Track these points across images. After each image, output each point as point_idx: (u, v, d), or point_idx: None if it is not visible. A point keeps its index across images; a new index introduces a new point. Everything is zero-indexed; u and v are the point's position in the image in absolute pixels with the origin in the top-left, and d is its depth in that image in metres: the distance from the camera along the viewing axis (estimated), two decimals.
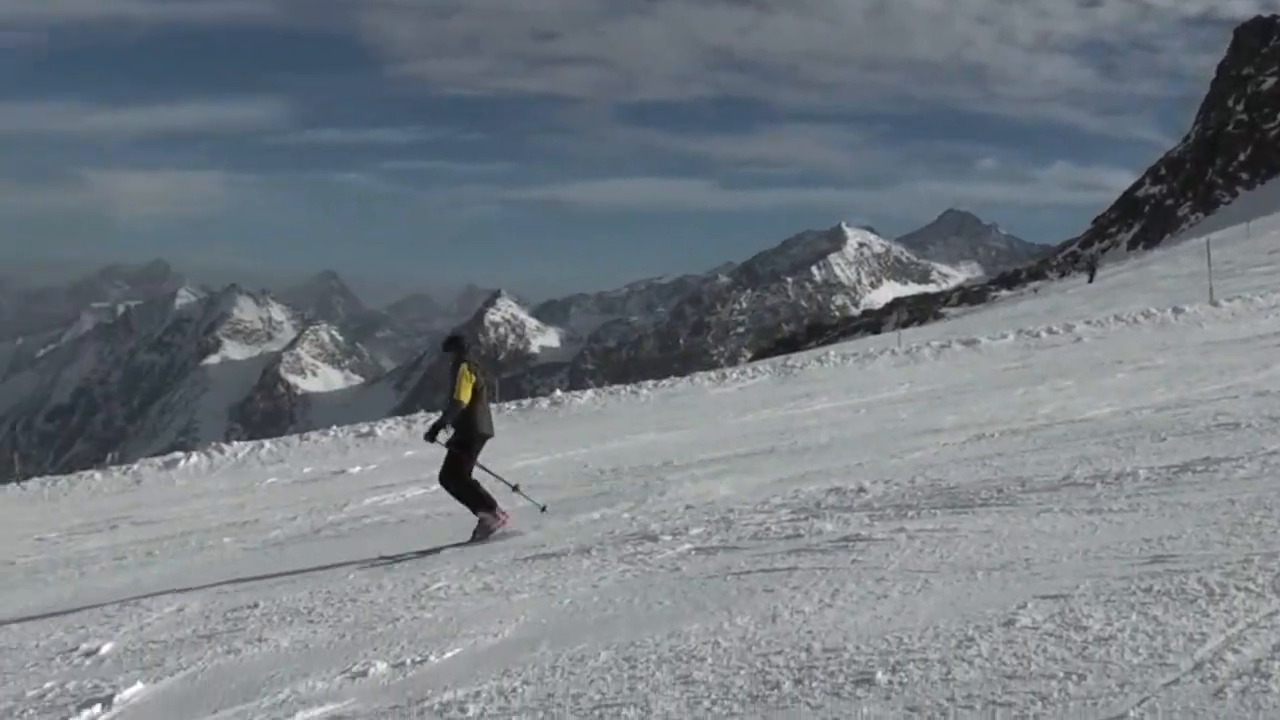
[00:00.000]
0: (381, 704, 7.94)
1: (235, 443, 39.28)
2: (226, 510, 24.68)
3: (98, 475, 36.54)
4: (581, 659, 8.24)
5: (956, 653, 7.07)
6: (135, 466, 37.26)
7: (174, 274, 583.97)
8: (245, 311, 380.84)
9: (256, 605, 12.44)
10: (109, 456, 76.84)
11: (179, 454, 38.29)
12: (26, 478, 39.35)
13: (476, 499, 14.73)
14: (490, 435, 15.09)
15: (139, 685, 9.77)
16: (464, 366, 14.69)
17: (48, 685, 10.45)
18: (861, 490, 14.33)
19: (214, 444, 39.59)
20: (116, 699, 9.47)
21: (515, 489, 15.55)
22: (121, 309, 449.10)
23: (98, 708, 9.32)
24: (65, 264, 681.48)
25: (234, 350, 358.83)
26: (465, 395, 14.46)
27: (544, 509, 15.21)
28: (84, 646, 11.90)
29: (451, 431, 14.79)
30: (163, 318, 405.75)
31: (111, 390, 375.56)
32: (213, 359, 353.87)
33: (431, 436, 14.82)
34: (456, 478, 14.83)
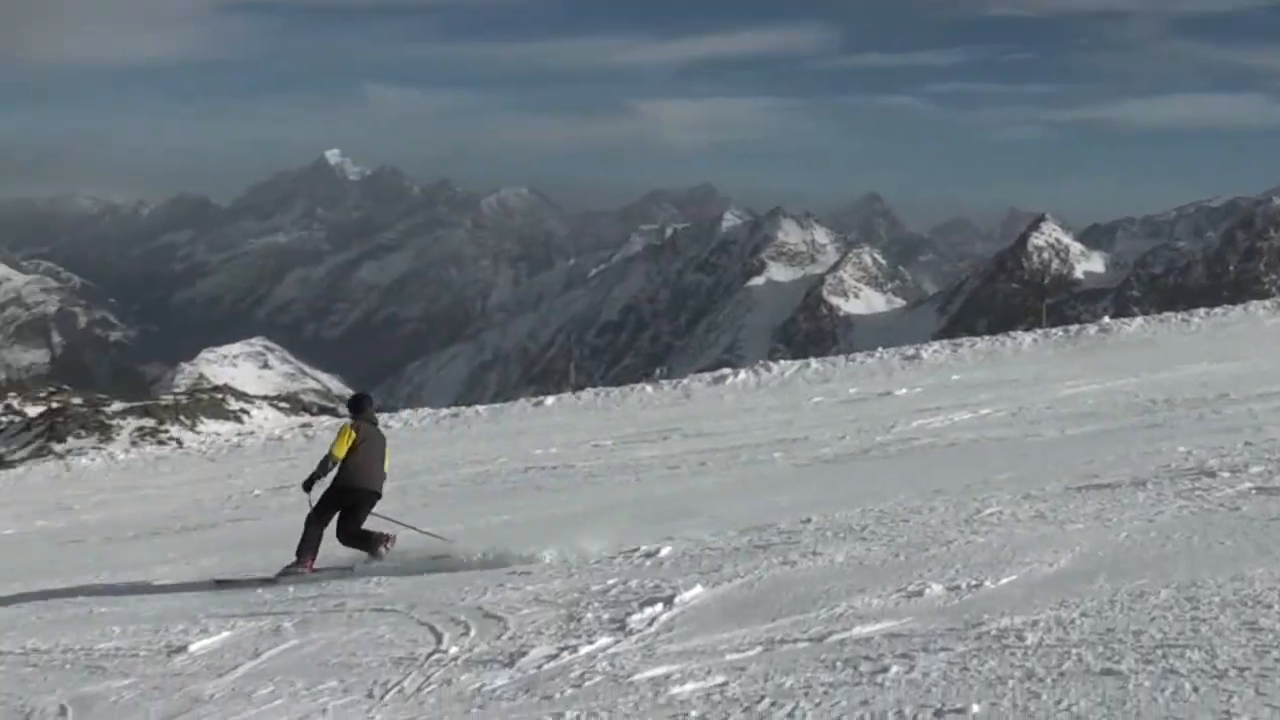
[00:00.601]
0: (937, 625, 7.98)
1: (781, 361, 40.13)
2: (775, 426, 25.26)
3: (649, 388, 38.09)
4: (1141, 595, 8.05)
5: None
6: (685, 381, 38.64)
7: (719, 197, 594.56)
8: (789, 234, 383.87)
9: (810, 520, 12.71)
10: (657, 371, 79.87)
11: (727, 371, 39.42)
12: (580, 388, 41.40)
13: (306, 542, 15.11)
14: (372, 491, 15.44)
15: (698, 589, 10.18)
16: (347, 425, 15.59)
17: (610, 582, 11.04)
18: None
19: (761, 362, 40.54)
20: (677, 599, 9.89)
21: (414, 529, 15.55)
22: (669, 231, 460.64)
23: (659, 606, 9.76)
24: (615, 189, 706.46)
25: (778, 272, 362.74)
26: (338, 452, 15.09)
27: (445, 540, 15.11)
28: (644, 548, 12.49)
29: (327, 484, 15.30)
30: (709, 239, 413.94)
31: (659, 308, 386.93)
32: (757, 280, 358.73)
33: (307, 486, 15.35)
34: (310, 520, 15.27)
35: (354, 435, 15.27)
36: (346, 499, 15.24)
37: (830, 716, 6.58)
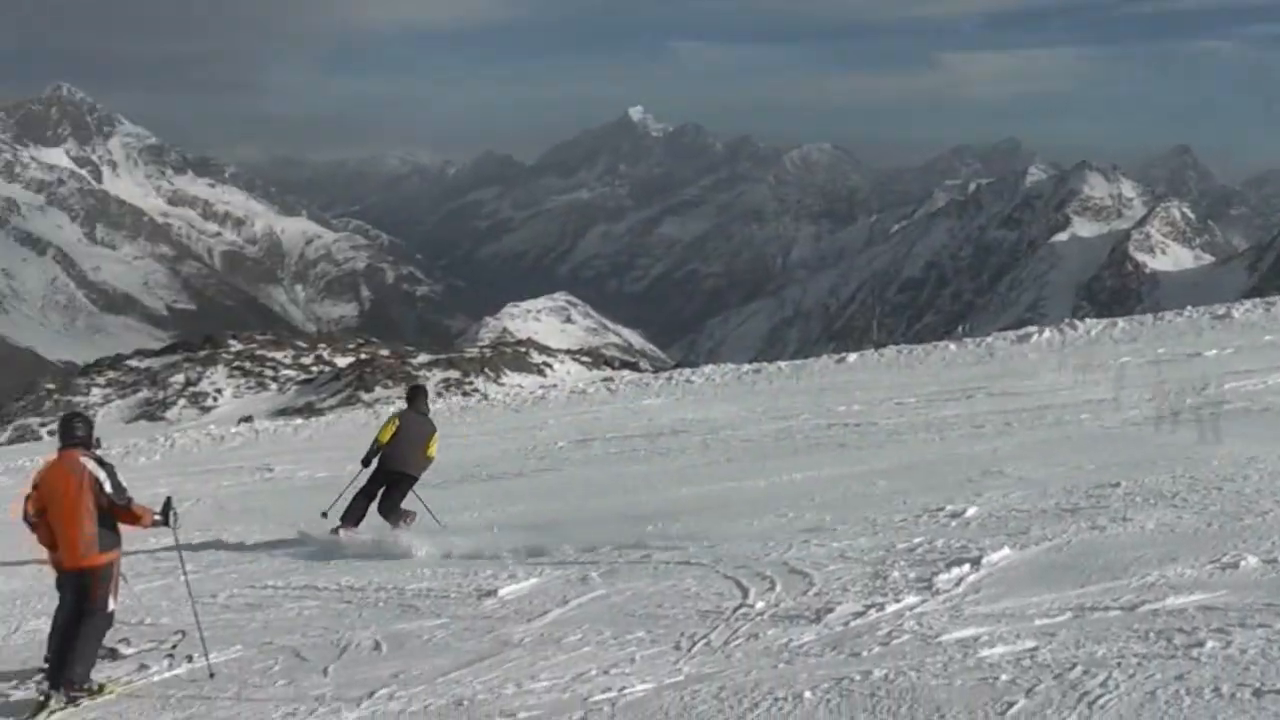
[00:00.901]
0: (1254, 599, 7.80)
1: (1087, 320, 39.28)
2: (1081, 387, 24.75)
3: (951, 346, 37.68)
4: None
5: None
6: (988, 339, 38.11)
7: (1024, 151, 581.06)
8: (1095, 188, 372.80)
9: (1118, 484, 12.49)
10: (960, 328, 78.96)
11: (1031, 329, 38.80)
12: (881, 345, 41.14)
13: (352, 510, 17.13)
14: (401, 471, 17.19)
15: (1005, 550, 10.14)
16: (394, 414, 17.74)
17: (916, 540, 11.07)
18: None
19: (1065, 320, 39.73)
20: (984, 560, 9.87)
21: (428, 510, 17.45)
22: (972, 186, 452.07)
23: (966, 566, 9.76)
24: (918, 144, 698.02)
25: (1083, 227, 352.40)
26: (382, 437, 17.13)
27: (442, 525, 16.90)
28: (949, 508, 12.46)
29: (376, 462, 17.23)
30: (1012, 194, 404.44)
31: (961, 265, 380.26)
32: (1061, 236, 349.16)
33: (365, 463, 17.24)
34: (359, 493, 17.28)
35: (397, 423, 17.26)
36: (388, 478, 17.19)
37: (1144, 690, 6.52)
